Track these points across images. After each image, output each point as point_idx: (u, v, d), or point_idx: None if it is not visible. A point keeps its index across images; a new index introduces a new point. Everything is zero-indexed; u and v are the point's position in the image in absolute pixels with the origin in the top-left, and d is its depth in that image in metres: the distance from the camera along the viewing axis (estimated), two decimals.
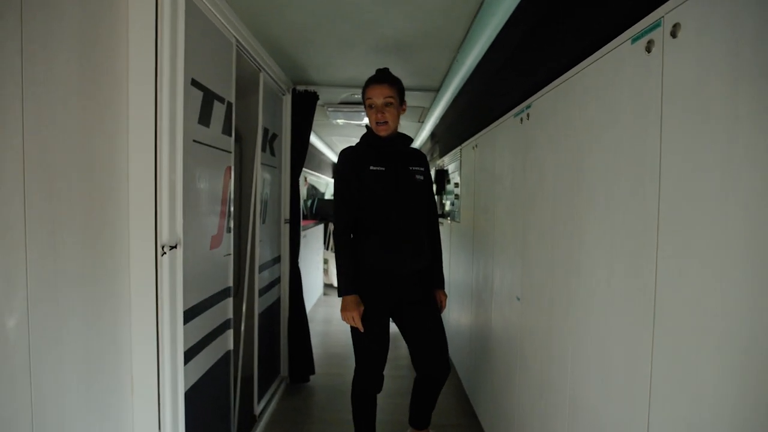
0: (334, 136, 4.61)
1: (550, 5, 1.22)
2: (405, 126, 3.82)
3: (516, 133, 1.65)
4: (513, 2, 1.33)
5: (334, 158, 6.39)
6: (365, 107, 1.71)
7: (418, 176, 1.75)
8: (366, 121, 3.69)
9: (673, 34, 0.77)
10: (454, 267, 2.93)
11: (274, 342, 2.59)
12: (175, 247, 1.25)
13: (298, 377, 2.70)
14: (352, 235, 1.72)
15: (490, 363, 1.99)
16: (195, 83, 1.38)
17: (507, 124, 1.77)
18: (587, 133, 1.10)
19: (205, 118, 1.46)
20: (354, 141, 4.98)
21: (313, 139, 4.57)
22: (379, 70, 1.73)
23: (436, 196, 2.95)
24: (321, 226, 5.24)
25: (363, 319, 1.67)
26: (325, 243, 5.50)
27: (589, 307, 1.08)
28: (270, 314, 2.50)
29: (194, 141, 1.39)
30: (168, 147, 1.20)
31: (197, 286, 1.44)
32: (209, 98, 1.48)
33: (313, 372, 2.78)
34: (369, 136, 1.75)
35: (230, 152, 1.68)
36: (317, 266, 5.09)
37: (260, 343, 2.26)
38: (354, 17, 1.75)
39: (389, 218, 1.68)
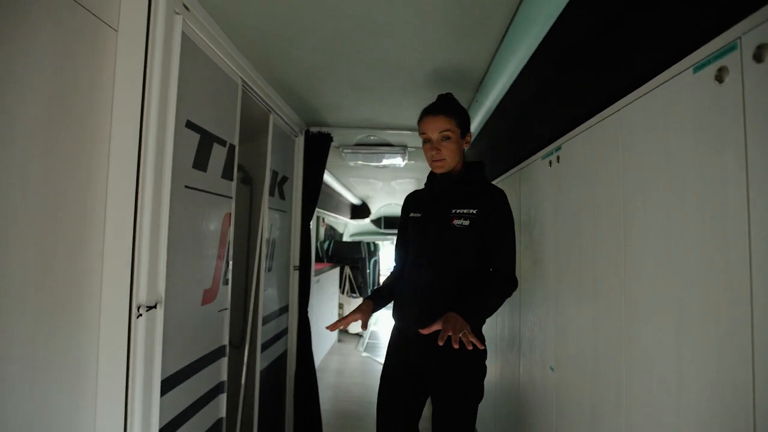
0: (351, 177, 4.53)
1: (584, 34, 1.08)
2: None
3: (544, 177, 1.47)
4: (538, 36, 1.19)
5: (353, 199, 6.31)
6: (422, 142, 1.47)
7: (459, 221, 1.40)
8: (386, 162, 3.59)
9: (758, 58, 0.60)
10: None
11: (278, 400, 2.36)
12: (155, 306, 1.10)
13: None
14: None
15: None
16: (191, 125, 1.27)
17: (534, 168, 1.59)
18: (635, 179, 0.91)
19: (201, 162, 1.35)
20: (372, 183, 4.88)
21: (330, 180, 4.50)
22: (440, 96, 1.51)
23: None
24: (337, 270, 5.07)
25: (386, 379, 1.52)
26: (341, 287, 5.30)
27: (647, 397, 0.85)
28: (275, 369, 2.29)
29: (186, 187, 1.27)
30: (151, 195, 1.07)
31: (182, 349, 1.27)
32: (208, 141, 1.37)
33: None
34: (429, 174, 1.55)
35: (231, 198, 1.56)
36: (332, 312, 4.87)
37: (261, 402, 2.05)
38: (364, 58, 1.65)
39: (411, 270, 1.49)
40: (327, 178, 4.38)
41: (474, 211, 1.40)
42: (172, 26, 1.14)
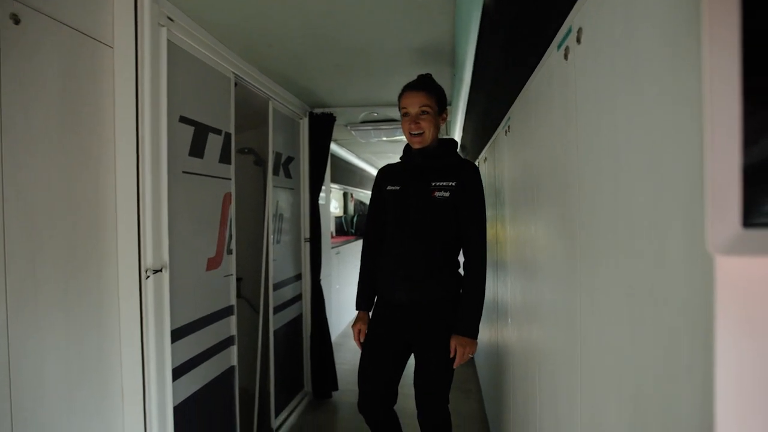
0: (369, 154, 4.70)
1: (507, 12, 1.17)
2: None
3: (504, 146, 1.58)
4: (477, 18, 1.29)
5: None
6: (401, 116, 1.57)
7: (440, 193, 1.51)
8: (398, 136, 3.69)
9: (578, 40, 0.71)
10: None
11: (294, 357, 2.66)
12: (160, 270, 1.36)
13: (321, 393, 2.74)
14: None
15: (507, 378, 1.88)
16: (184, 119, 1.50)
17: (499, 138, 1.70)
18: (539, 149, 1.03)
19: (197, 150, 1.58)
20: (391, 156, 5.03)
21: (350, 157, 4.69)
22: (420, 76, 1.59)
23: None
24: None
25: (370, 339, 1.64)
26: None
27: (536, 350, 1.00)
28: (291, 329, 2.59)
29: (184, 172, 1.51)
30: (150, 181, 1.31)
31: (190, 306, 1.54)
32: (202, 131, 1.60)
33: (336, 388, 2.81)
34: (405, 149, 1.65)
35: (229, 179, 1.79)
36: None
37: (277, 356, 2.34)
38: (340, 45, 1.80)
39: (393, 241, 1.61)
40: (346, 155, 4.56)
41: (453, 183, 1.52)
42: (158, 37, 1.35)
